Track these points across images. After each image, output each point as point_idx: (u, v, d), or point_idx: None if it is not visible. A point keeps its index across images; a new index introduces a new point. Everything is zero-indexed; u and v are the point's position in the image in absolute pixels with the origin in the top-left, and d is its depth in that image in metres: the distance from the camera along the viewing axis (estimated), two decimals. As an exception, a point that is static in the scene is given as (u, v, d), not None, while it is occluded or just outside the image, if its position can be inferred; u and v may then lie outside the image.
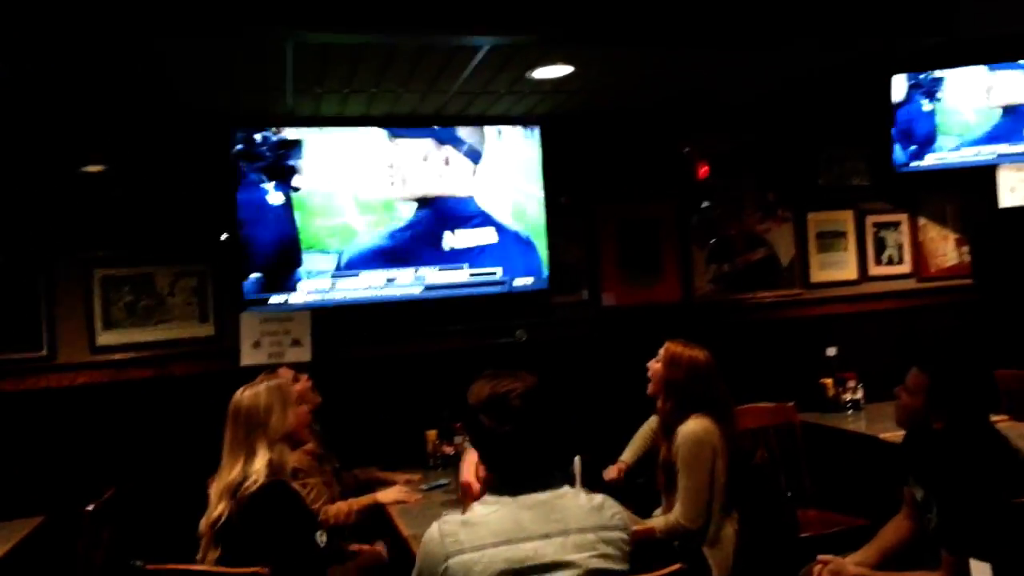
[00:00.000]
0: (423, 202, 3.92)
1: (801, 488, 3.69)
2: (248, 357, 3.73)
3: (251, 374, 2.66)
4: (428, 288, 3.92)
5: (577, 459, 2.57)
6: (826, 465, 3.84)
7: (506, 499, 1.70)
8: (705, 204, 4.39)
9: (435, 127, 3.93)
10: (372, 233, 3.86)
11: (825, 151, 4.64)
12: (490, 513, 1.69)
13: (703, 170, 4.38)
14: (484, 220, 3.99)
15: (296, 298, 3.79)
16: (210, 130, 3.69)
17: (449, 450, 3.59)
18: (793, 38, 3.28)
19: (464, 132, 3.96)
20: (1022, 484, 2.06)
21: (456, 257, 3.95)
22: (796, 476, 3.73)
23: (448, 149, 3.94)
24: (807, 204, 4.62)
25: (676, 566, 1.84)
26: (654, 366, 2.89)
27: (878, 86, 4.19)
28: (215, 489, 2.33)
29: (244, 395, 2.43)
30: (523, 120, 4.05)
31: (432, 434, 3.72)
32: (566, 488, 1.76)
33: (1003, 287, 4.68)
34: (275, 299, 3.76)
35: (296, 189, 3.76)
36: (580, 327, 4.23)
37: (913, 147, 4.25)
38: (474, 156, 3.98)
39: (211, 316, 3.84)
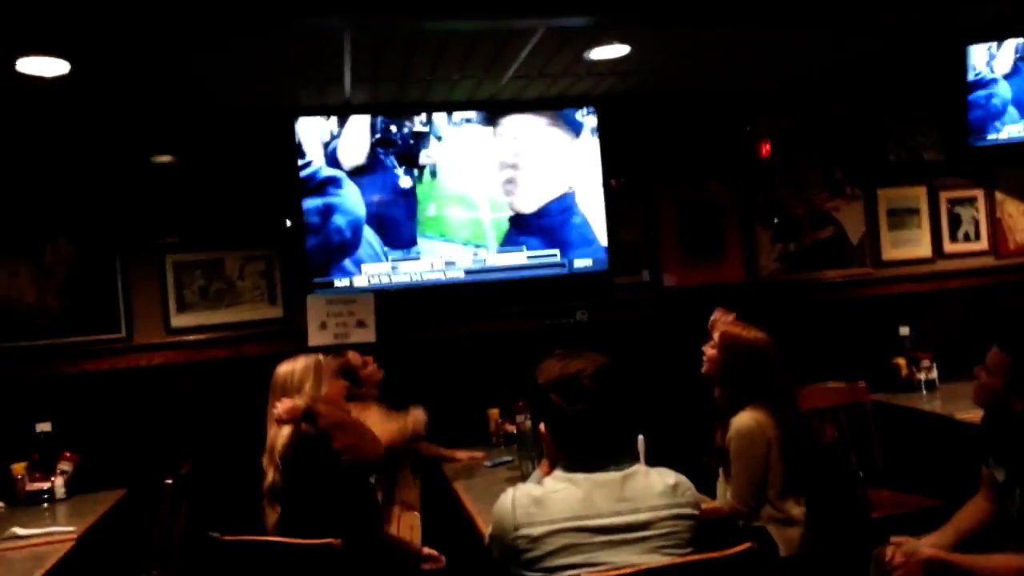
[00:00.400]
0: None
1: (873, 468, 3.59)
2: (315, 338, 3.81)
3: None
4: (487, 271, 3.94)
5: (641, 438, 2.55)
6: (899, 445, 3.73)
7: (578, 476, 1.70)
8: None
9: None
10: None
11: (895, 126, 4.49)
12: (561, 490, 1.70)
13: (766, 148, 4.30)
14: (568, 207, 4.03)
15: (360, 281, 3.86)
16: (274, 122, 3.80)
17: (511, 428, 3.61)
18: (848, 11, 3.17)
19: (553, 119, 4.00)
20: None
21: (514, 240, 3.97)
22: (868, 456, 3.64)
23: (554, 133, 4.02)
24: (877, 180, 4.48)
25: (745, 545, 1.81)
26: (709, 351, 2.78)
27: (951, 57, 4.03)
28: (265, 459, 2.48)
29: (281, 368, 2.61)
30: (580, 101, 4.02)
31: (494, 413, 3.76)
32: (638, 467, 1.75)
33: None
34: (339, 282, 3.84)
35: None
36: (642, 308, 4.20)
37: (989, 120, 4.08)
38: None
39: (279, 298, 3.94)
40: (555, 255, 4.01)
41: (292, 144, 3.78)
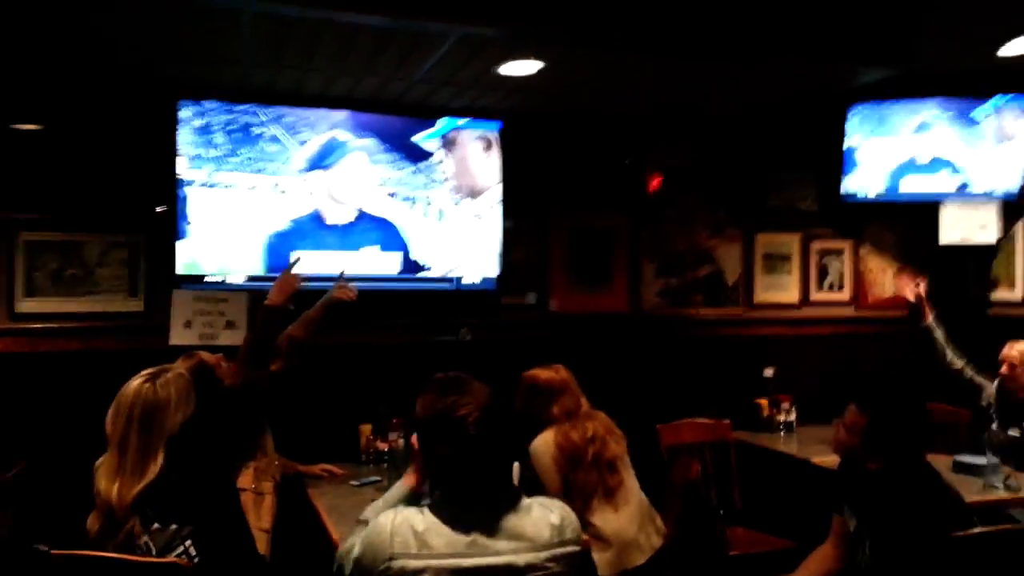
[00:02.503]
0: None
1: (732, 506, 3.72)
2: (178, 337, 3.58)
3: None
4: (370, 279, 3.81)
5: (516, 465, 2.53)
6: (758, 484, 3.89)
7: (456, 510, 1.66)
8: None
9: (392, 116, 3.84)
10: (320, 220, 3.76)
11: (776, 174, 4.70)
12: (439, 524, 1.64)
13: (655, 183, 4.41)
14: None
15: (234, 279, 3.65)
16: (155, 98, 3.53)
17: (383, 446, 3.50)
18: (767, 56, 3.32)
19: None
20: (957, 520, 2.10)
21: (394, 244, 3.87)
22: (728, 494, 3.77)
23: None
24: (756, 225, 4.67)
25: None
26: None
27: (832, 114, 4.26)
28: (116, 491, 2.05)
29: (142, 387, 2.12)
30: (485, 113, 3.98)
31: (366, 429, 3.62)
32: (522, 502, 1.71)
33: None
34: (212, 277, 3.62)
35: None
36: (527, 330, 4.19)
37: (860, 177, 4.34)
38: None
39: (141, 291, 3.67)
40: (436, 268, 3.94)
41: (174, 124, 3.53)
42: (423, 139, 3.89)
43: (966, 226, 4.36)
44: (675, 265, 4.51)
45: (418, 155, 3.88)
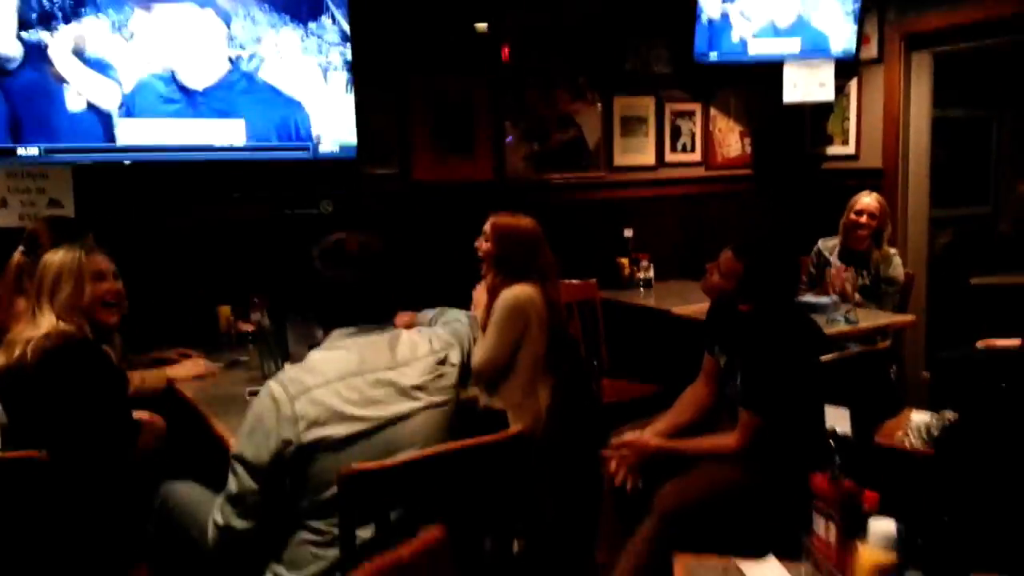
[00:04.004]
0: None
1: (600, 359, 3.89)
2: (-6, 218, 3.18)
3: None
4: (216, 149, 3.49)
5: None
6: (622, 338, 4.08)
7: (346, 342, 1.73)
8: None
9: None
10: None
11: (632, 38, 4.69)
12: (331, 355, 1.71)
13: (505, 51, 4.28)
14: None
15: (56, 154, 3.22)
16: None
17: (247, 327, 3.32)
18: None
19: None
20: (820, 348, 2.28)
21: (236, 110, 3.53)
22: (596, 348, 3.93)
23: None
24: (614, 88, 4.68)
25: (514, 430, 1.84)
26: (484, 245, 2.81)
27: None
28: None
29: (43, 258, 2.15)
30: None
31: (225, 310, 3.41)
32: (400, 330, 1.84)
33: (777, 178, 5.12)
34: (25, 150, 3.17)
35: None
36: (390, 200, 4.04)
37: (711, 39, 4.42)
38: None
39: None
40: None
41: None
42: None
43: (806, 85, 4.58)
44: (538, 130, 4.46)
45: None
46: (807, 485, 1.37)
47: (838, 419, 1.51)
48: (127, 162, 3.37)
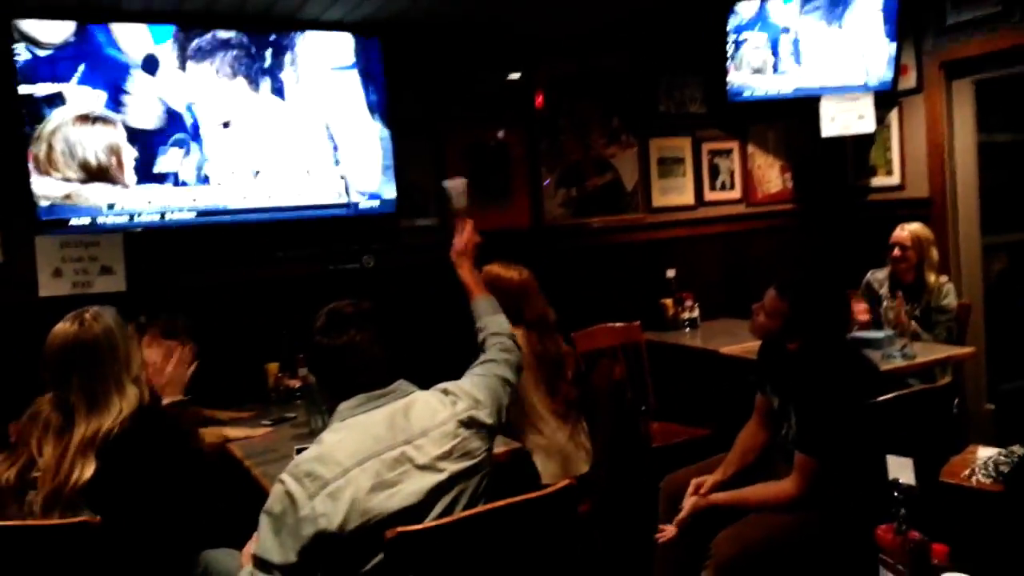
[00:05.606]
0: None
1: (647, 403, 3.83)
2: (48, 288, 3.28)
3: (55, 308, 2.27)
4: (260, 210, 3.58)
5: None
6: (668, 380, 4.01)
7: (358, 419, 1.66)
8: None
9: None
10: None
11: (665, 78, 4.71)
12: (342, 439, 1.63)
13: (539, 99, 4.33)
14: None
15: (105, 220, 3.33)
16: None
17: (293, 383, 3.36)
18: None
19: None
20: (876, 388, 2.20)
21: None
22: (642, 391, 3.87)
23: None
24: (649, 130, 4.68)
25: (563, 483, 1.79)
26: None
27: (717, 15, 4.27)
28: (51, 447, 1.87)
29: (76, 327, 1.97)
30: (360, 28, 3.74)
31: (273, 367, 3.47)
32: (415, 393, 1.76)
33: (820, 212, 5.04)
34: (78, 220, 3.28)
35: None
36: (429, 253, 4.06)
37: (745, 77, 4.41)
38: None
39: None
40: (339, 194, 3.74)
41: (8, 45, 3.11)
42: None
43: (844, 118, 4.53)
44: (574, 175, 4.48)
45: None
46: (870, 534, 1.31)
47: (901, 469, 1.44)
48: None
